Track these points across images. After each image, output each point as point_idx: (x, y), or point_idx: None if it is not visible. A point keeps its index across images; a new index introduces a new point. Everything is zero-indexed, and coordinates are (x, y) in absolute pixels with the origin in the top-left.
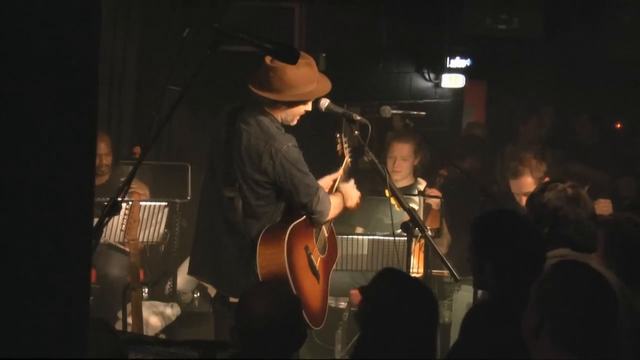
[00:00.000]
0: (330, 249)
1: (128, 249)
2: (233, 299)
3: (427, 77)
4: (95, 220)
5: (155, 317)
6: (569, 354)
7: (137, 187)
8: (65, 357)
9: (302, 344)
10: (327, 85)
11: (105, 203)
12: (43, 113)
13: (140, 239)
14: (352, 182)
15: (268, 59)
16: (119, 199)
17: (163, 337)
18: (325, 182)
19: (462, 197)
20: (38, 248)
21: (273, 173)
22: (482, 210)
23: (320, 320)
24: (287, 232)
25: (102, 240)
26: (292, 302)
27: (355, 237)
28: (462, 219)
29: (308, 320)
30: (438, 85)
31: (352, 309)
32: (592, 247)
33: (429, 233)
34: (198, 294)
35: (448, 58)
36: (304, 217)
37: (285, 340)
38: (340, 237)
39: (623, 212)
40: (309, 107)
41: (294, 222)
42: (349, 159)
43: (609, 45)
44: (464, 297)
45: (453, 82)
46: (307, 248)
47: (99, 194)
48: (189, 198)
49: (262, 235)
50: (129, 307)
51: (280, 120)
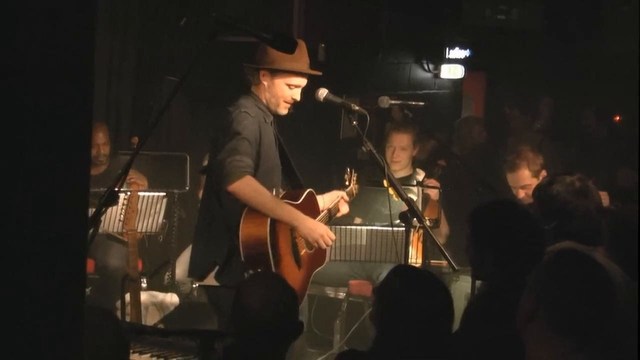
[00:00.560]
0: (319, 251)
1: (126, 240)
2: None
3: (426, 67)
4: (93, 211)
5: (154, 307)
6: (563, 339)
7: (135, 177)
8: (62, 346)
9: (298, 336)
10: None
11: (103, 193)
12: (36, 102)
13: (139, 230)
14: (316, 223)
15: None
16: (116, 189)
17: (161, 327)
18: (332, 195)
19: (460, 187)
20: (33, 237)
21: (223, 132)
22: (480, 201)
23: None
24: None
25: (100, 231)
26: (288, 293)
27: (354, 227)
28: (460, 210)
29: None
30: (437, 76)
31: (350, 299)
32: (597, 240)
33: (427, 223)
34: (197, 284)
35: (447, 49)
36: (299, 202)
37: (282, 332)
38: (339, 227)
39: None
40: (297, 95)
41: (285, 200)
42: (355, 190)
43: (608, 36)
44: (463, 287)
45: (452, 72)
46: (292, 230)
47: (97, 184)
48: (187, 188)
49: (247, 208)
50: (128, 297)
51: (266, 103)
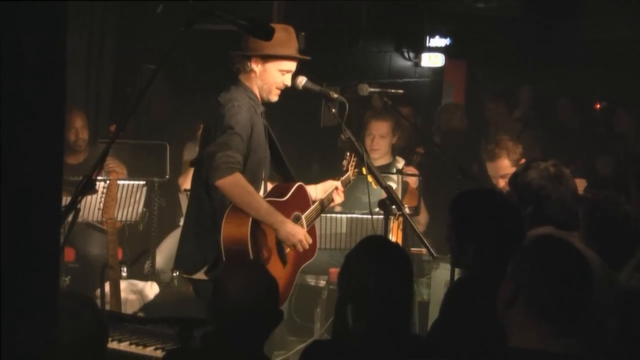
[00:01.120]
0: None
1: (106, 228)
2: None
3: (406, 56)
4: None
5: (134, 295)
6: (542, 324)
7: (115, 165)
8: (36, 331)
9: (278, 324)
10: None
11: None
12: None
13: (119, 218)
14: (296, 227)
15: None
16: (94, 177)
17: (141, 315)
18: (326, 185)
19: (439, 175)
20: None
21: (215, 125)
22: (459, 189)
23: None
24: None
25: (80, 220)
26: (268, 282)
27: (334, 215)
28: (439, 197)
29: None
30: (418, 65)
31: (330, 287)
32: (574, 225)
33: (407, 211)
34: (177, 273)
35: (427, 37)
36: (285, 198)
37: (262, 320)
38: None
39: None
40: (287, 80)
41: (270, 198)
42: (352, 176)
43: (587, 25)
44: (442, 275)
45: (433, 61)
46: None
47: (76, 173)
48: (168, 177)
49: (231, 205)
50: (108, 286)
51: (258, 92)
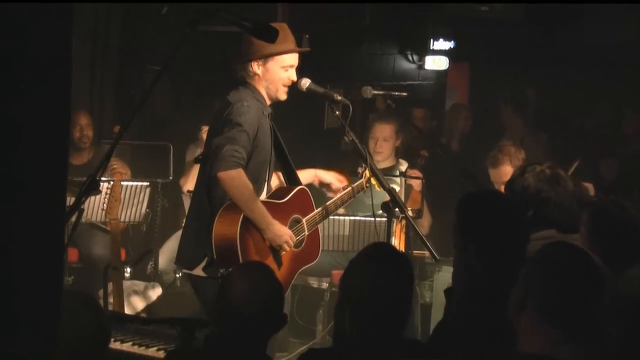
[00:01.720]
0: (308, 249)
1: (110, 229)
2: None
3: (410, 59)
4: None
5: (137, 296)
6: (551, 329)
7: (119, 166)
8: (39, 330)
9: (282, 327)
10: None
11: (84, 181)
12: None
13: (122, 219)
14: (283, 229)
15: None
16: (98, 177)
17: (144, 316)
18: (334, 177)
19: (442, 178)
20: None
21: (223, 122)
22: (462, 191)
23: None
24: None
25: (84, 220)
26: (273, 285)
27: (337, 217)
28: (443, 200)
29: None
30: (421, 67)
31: (333, 290)
32: (575, 226)
33: (410, 214)
34: (180, 274)
35: (431, 40)
36: (284, 200)
37: (266, 323)
38: None
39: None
40: (292, 75)
41: (266, 199)
42: (366, 184)
43: (591, 28)
44: (445, 277)
45: (436, 64)
46: None
47: (81, 174)
48: (171, 178)
49: (226, 204)
50: (111, 286)
51: (265, 93)
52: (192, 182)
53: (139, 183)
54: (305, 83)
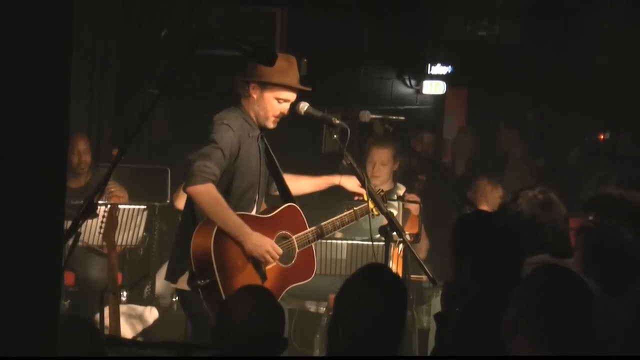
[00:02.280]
0: (300, 267)
1: (107, 252)
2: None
3: (408, 83)
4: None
5: (134, 320)
6: (544, 351)
7: (116, 190)
8: (36, 355)
9: (282, 352)
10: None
11: (82, 204)
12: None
13: (119, 242)
14: (262, 239)
15: None
16: (95, 201)
17: (140, 340)
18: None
19: (441, 202)
20: (8, 246)
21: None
22: (459, 215)
23: None
24: None
25: (80, 243)
26: (273, 308)
27: (334, 241)
28: (440, 225)
29: None
30: (419, 92)
31: (330, 314)
32: (569, 251)
33: (408, 238)
34: (177, 298)
35: (429, 64)
36: (268, 215)
37: (265, 347)
38: (319, 241)
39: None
40: (285, 109)
41: (249, 214)
42: (373, 210)
43: (587, 52)
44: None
45: (434, 88)
46: None
47: (78, 197)
48: (168, 201)
49: (206, 218)
50: (107, 310)
51: (254, 116)
52: (181, 199)
53: (137, 206)
54: (304, 107)
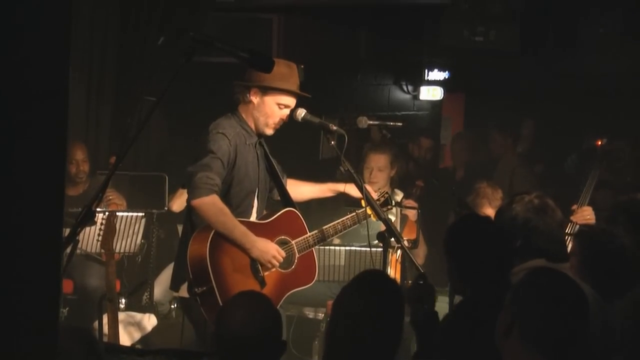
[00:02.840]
0: (300, 272)
1: (105, 260)
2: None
3: (405, 89)
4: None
5: (132, 327)
6: (537, 355)
7: (114, 197)
8: None
9: (280, 355)
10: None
11: (80, 212)
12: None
13: (117, 250)
14: (267, 244)
15: None
16: (93, 208)
17: (139, 347)
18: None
19: (438, 208)
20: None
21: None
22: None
23: None
24: None
25: (79, 251)
26: (271, 313)
27: (332, 247)
28: (438, 230)
29: None
30: (416, 98)
31: (329, 320)
32: (565, 255)
33: (406, 244)
34: (175, 305)
35: (426, 70)
36: (267, 221)
37: (264, 352)
38: (317, 247)
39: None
40: (285, 115)
41: (249, 220)
42: (372, 215)
43: (584, 58)
44: (441, 308)
45: (431, 94)
46: None
47: (76, 205)
48: (166, 209)
49: (202, 226)
50: (106, 317)
51: (253, 123)
52: (177, 203)
53: (135, 214)
54: (301, 113)
